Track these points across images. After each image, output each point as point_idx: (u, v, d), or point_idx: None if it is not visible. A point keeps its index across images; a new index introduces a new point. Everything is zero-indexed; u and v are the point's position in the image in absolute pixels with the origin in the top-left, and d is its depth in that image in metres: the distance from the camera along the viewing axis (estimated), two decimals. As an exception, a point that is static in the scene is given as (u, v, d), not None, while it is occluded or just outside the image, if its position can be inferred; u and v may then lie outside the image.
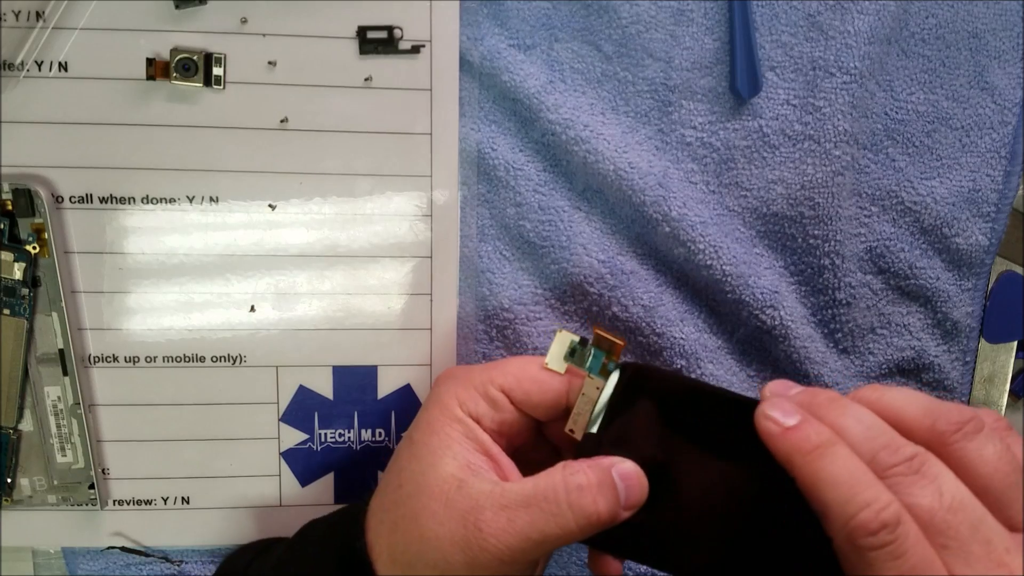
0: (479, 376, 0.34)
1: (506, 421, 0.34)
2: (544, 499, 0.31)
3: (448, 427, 0.33)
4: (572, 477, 0.31)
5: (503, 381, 0.34)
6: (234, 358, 0.42)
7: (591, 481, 0.31)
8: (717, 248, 0.43)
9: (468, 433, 0.33)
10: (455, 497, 0.31)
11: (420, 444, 0.33)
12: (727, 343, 0.46)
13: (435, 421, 0.34)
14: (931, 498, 0.27)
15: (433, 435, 0.33)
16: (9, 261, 0.40)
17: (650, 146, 0.43)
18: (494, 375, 0.34)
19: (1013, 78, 0.45)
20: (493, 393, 0.34)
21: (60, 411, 0.41)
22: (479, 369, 0.35)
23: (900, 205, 0.45)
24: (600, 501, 0.31)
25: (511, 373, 0.34)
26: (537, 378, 0.34)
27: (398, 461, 0.34)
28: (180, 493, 0.43)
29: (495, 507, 0.31)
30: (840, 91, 0.43)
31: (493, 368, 0.35)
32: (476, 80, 0.42)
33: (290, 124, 0.41)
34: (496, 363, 0.35)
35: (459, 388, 0.34)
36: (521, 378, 0.34)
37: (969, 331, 0.47)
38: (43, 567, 0.43)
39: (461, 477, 0.32)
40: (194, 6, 0.39)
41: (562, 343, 0.34)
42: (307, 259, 0.42)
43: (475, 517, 0.31)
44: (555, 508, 0.30)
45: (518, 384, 0.34)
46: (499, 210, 0.43)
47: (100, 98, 0.40)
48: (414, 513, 0.32)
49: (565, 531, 0.30)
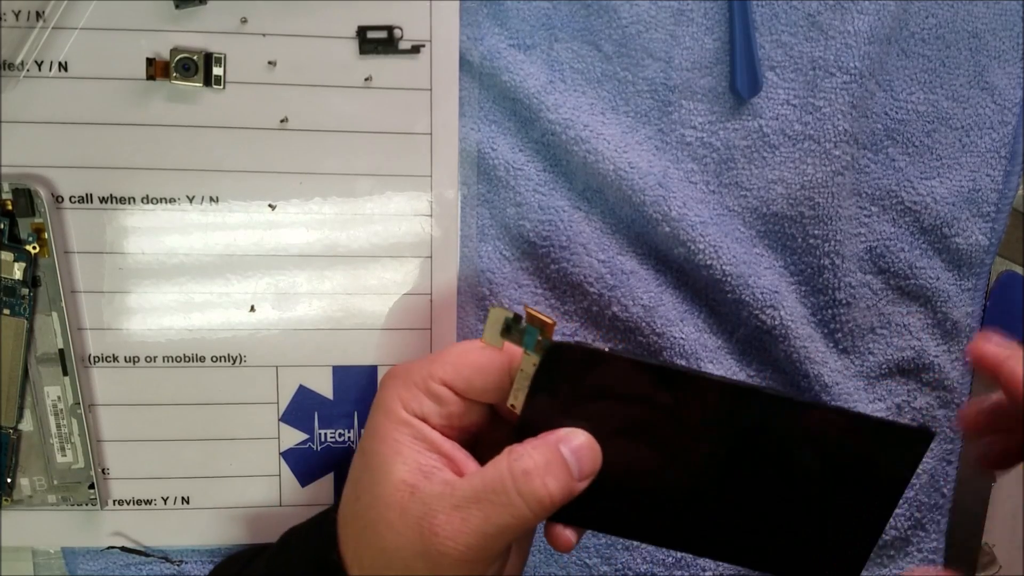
0: (418, 373, 0.33)
1: (454, 413, 0.33)
2: (493, 491, 0.30)
3: (395, 432, 0.32)
4: (517, 463, 0.30)
5: (443, 374, 0.33)
6: (234, 358, 0.42)
7: (537, 464, 0.30)
8: (717, 248, 0.43)
9: (416, 434, 0.32)
10: (409, 505, 0.31)
11: (370, 453, 0.33)
12: (727, 343, 0.46)
13: (381, 427, 0.33)
14: None
15: (381, 442, 0.32)
16: (9, 261, 0.40)
17: (650, 146, 0.43)
18: (433, 369, 0.33)
19: (1013, 78, 0.45)
20: (435, 388, 0.32)
21: (60, 411, 0.42)
22: (418, 365, 0.33)
23: (900, 205, 0.45)
24: (550, 482, 0.30)
25: (449, 363, 0.33)
26: (476, 364, 0.33)
27: (353, 471, 0.34)
28: (180, 493, 0.43)
29: (447, 509, 0.30)
30: (840, 91, 0.43)
31: (432, 362, 0.33)
32: (476, 80, 0.42)
33: (290, 124, 0.41)
34: (435, 355, 0.34)
35: (400, 389, 0.33)
36: (460, 367, 0.33)
37: (969, 331, 0.47)
38: (43, 567, 0.43)
39: (413, 483, 0.31)
40: (194, 6, 0.39)
41: (496, 319, 0.32)
42: (307, 259, 0.42)
43: (429, 522, 0.30)
44: (505, 499, 0.30)
45: (458, 374, 0.33)
46: (499, 210, 0.43)
47: (100, 98, 0.40)
48: (372, 524, 0.31)
49: (520, 519, 0.30)
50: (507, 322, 0.32)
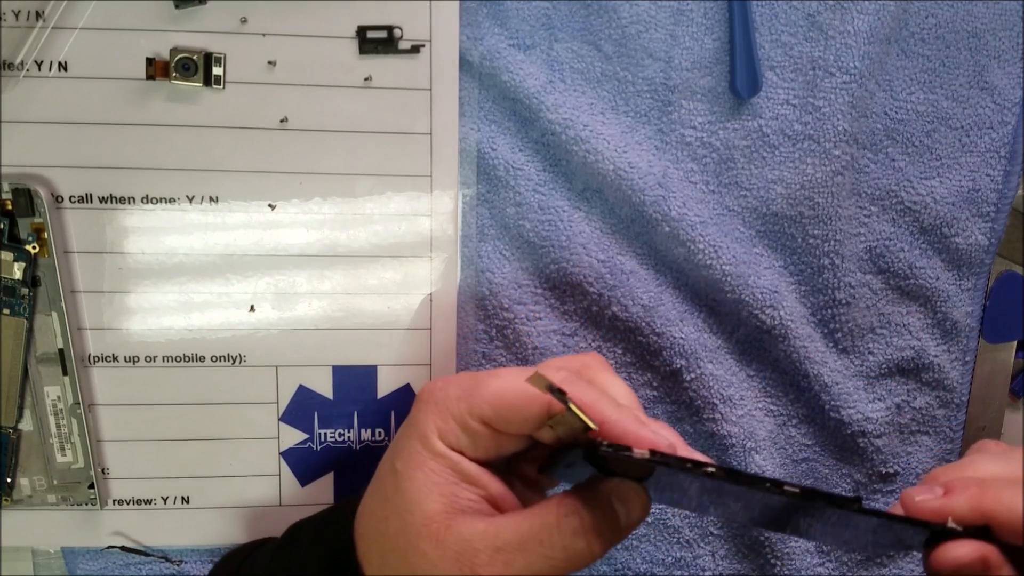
0: (456, 406, 0.32)
1: (491, 447, 0.32)
2: (539, 542, 0.30)
3: (431, 461, 0.32)
4: (567, 520, 0.30)
5: (481, 411, 0.32)
6: (234, 358, 0.42)
7: (586, 524, 0.30)
8: (717, 248, 0.43)
9: (452, 467, 0.32)
10: (445, 538, 0.30)
11: (404, 478, 0.32)
12: (727, 343, 0.46)
13: (417, 454, 0.32)
14: None
15: (416, 469, 0.32)
16: (9, 261, 0.40)
17: (650, 146, 0.43)
18: (472, 405, 0.32)
19: (1013, 78, 0.45)
20: (473, 425, 0.32)
21: (60, 411, 0.41)
22: (455, 397, 0.32)
23: (900, 205, 0.45)
24: (596, 544, 0.30)
25: (488, 402, 0.32)
26: (514, 405, 0.31)
27: (382, 489, 0.33)
28: (180, 493, 0.43)
29: (489, 550, 0.30)
30: (840, 91, 0.43)
31: (471, 395, 0.32)
32: (476, 80, 0.42)
33: (290, 124, 0.41)
34: (472, 387, 0.32)
35: (438, 419, 0.32)
36: (499, 407, 0.31)
37: (969, 331, 0.47)
38: (43, 567, 0.43)
39: (449, 515, 0.31)
40: (194, 6, 0.39)
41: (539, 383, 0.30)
42: (307, 259, 0.42)
43: (470, 560, 0.30)
44: (550, 552, 0.30)
45: (496, 414, 0.31)
46: (499, 210, 0.43)
47: (100, 98, 0.40)
48: (402, 550, 0.31)
49: (560, 571, 0.30)
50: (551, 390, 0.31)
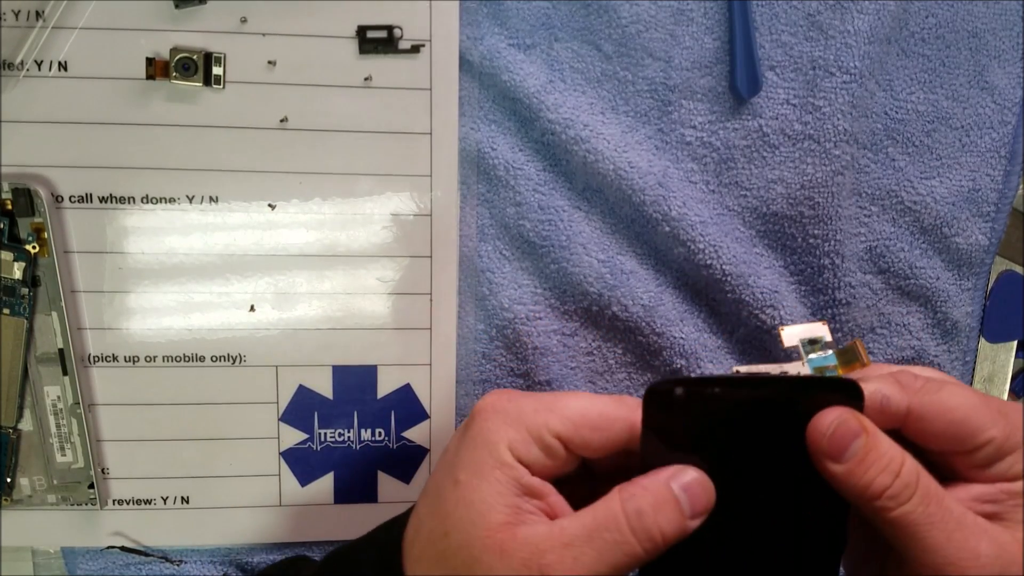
0: (532, 418, 0.32)
1: (559, 465, 0.32)
2: (606, 529, 0.29)
3: (498, 472, 0.31)
4: (629, 502, 0.30)
5: (560, 428, 0.31)
6: (234, 358, 0.42)
7: (649, 503, 0.30)
8: (717, 248, 0.43)
9: (519, 478, 0.31)
10: (510, 547, 0.30)
11: (468, 488, 0.31)
12: (727, 343, 0.46)
13: (484, 465, 0.31)
14: None
15: (482, 480, 0.31)
16: (9, 261, 0.40)
17: (650, 146, 0.43)
18: (550, 420, 0.31)
19: (1013, 78, 0.45)
20: (549, 440, 0.31)
21: (60, 411, 0.41)
22: (531, 410, 0.32)
23: (900, 205, 0.45)
24: (662, 520, 0.30)
25: (569, 419, 0.31)
26: (599, 426, 0.32)
27: (443, 503, 0.32)
28: (180, 493, 0.43)
29: (557, 547, 0.29)
30: (840, 91, 0.43)
31: (549, 410, 0.32)
32: (476, 80, 0.42)
33: (290, 124, 0.41)
34: (550, 403, 0.32)
35: (510, 430, 0.31)
36: (581, 425, 0.31)
37: (969, 331, 0.47)
38: (43, 567, 0.43)
39: (514, 525, 0.30)
40: (194, 6, 0.39)
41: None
42: (307, 259, 0.42)
43: (538, 562, 0.29)
44: (619, 536, 0.29)
45: (577, 432, 0.31)
46: (499, 210, 0.43)
47: (100, 98, 0.40)
48: (466, 564, 0.30)
49: (632, 557, 0.30)
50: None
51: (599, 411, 0.32)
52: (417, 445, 0.44)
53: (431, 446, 0.44)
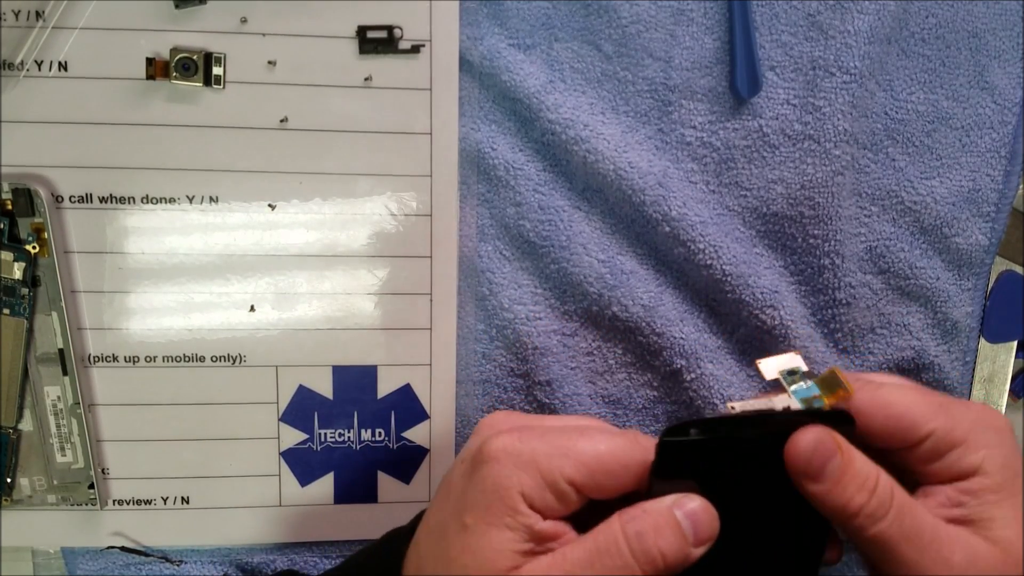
0: (547, 464, 0.30)
1: (567, 508, 0.31)
2: (607, 554, 0.29)
3: (509, 519, 0.30)
4: (629, 524, 0.29)
5: (576, 476, 0.30)
6: (234, 358, 0.42)
7: (649, 525, 0.30)
8: (717, 248, 0.43)
9: (531, 526, 0.30)
10: None
11: (476, 535, 0.30)
12: (727, 343, 0.46)
13: (494, 511, 0.30)
14: None
15: (491, 527, 0.30)
16: (9, 261, 0.40)
17: (650, 146, 0.43)
18: (565, 467, 0.30)
19: (1013, 78, 0.45)
20: (563, 488, 0.30)
21: (60, 411, 0.41)
22: (544, 453, 0.31)
23: (900, 205, 0.45)
24: (662, 544, 0.29)
25: (585, 465, 0.31)
26: (615, 472, 0.31)
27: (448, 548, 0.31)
28: (180, 493, 0.43)
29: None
30: (840, 91, 0.43)
31: (564, 456, 0.31)
32: (476, 80, 0.42)
33: (290, 124, 0.41)
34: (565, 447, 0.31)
35: (524, 476, 0.30)
36: (596, 471, 0.31)
37: (969, 331, 0.47)
38: (43, 567, 0.43)
39: (518, 568, 0.30)
40: (194, 6, 0.39)
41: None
42: (307, 259, 0.42)
43: None
44: (620, 560, 0.29)
45: (592, 478, 0.31)
46: (499, 210, 0.43)
47: (100, 98, 0.40)
48: None
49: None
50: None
51: (615, 457, 0.31)
52: (417, 445, 0.44)
53: (431, 446, 0.44)
